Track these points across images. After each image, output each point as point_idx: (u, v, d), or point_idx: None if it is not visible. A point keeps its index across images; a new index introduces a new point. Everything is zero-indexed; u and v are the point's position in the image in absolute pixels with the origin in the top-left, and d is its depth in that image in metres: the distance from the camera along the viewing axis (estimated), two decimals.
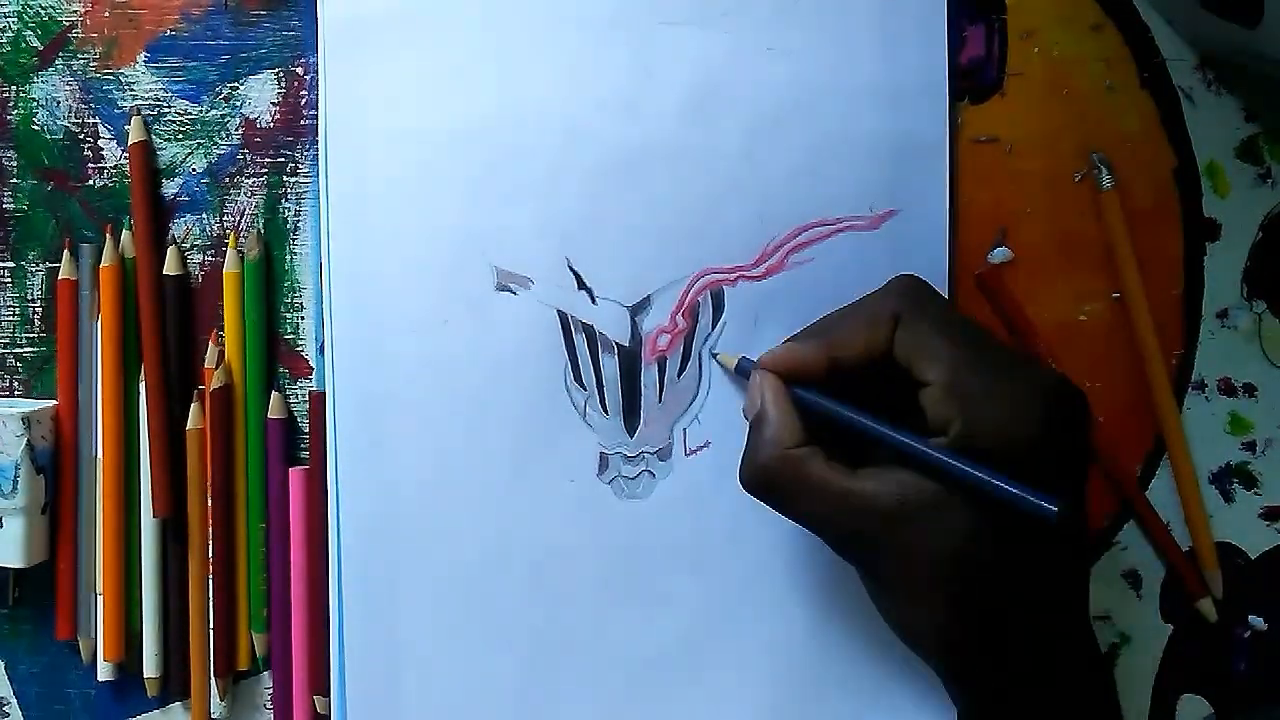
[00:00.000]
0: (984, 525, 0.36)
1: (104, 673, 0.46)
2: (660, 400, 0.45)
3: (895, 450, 0.37)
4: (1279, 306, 0.46)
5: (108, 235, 0.45)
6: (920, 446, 0.36)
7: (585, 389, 0.45)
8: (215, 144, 0.46)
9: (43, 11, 0.45)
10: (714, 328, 0.45)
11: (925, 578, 0.36)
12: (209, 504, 0.45)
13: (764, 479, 0.38)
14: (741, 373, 0.43)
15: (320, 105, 0.44)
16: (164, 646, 0.46)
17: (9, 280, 0.46)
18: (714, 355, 0.45)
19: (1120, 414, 0.46)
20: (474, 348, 0.45)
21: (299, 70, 0.46)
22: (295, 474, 0.45)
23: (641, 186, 0.44)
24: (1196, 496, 0.46)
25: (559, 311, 0.45)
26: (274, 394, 0.46)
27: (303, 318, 0.46)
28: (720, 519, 0.45)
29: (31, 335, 0.46)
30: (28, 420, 0.44)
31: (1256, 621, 0.46)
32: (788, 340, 0.41)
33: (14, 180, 0.46)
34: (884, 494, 0.36)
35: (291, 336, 0.46)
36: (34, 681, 0.46)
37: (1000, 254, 0.45)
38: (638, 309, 0.45)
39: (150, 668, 0.45)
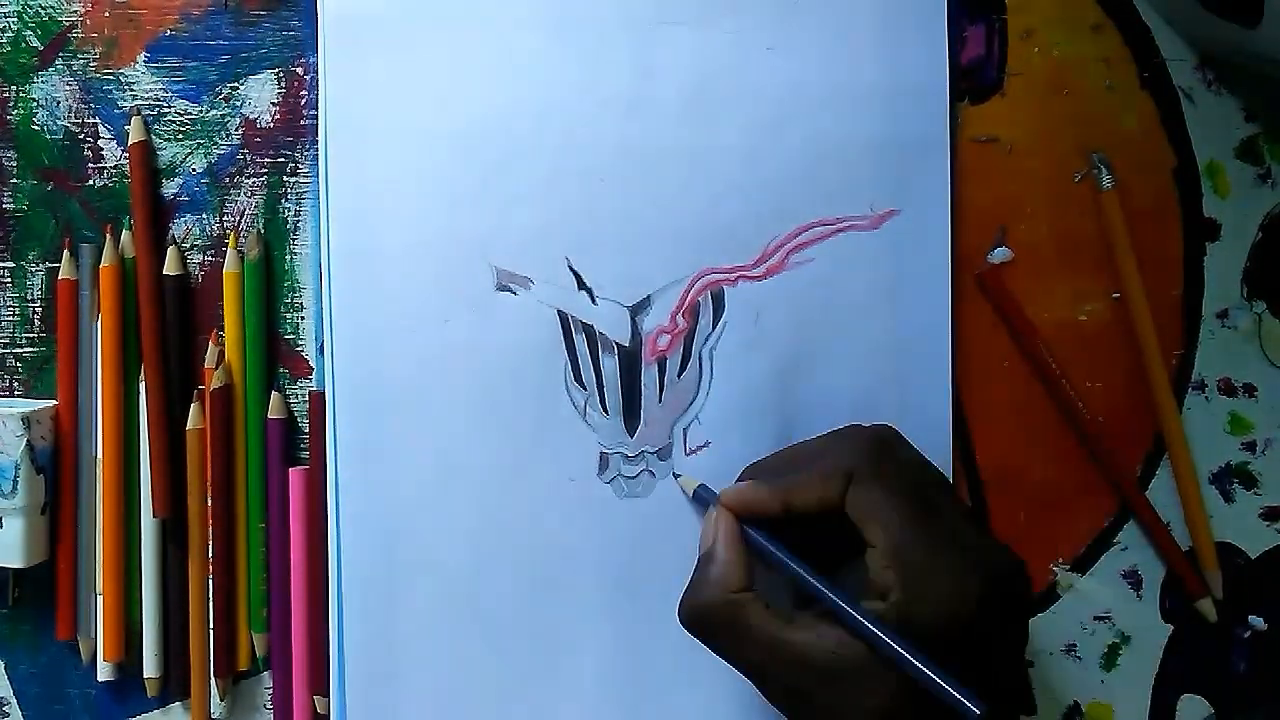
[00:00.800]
0: (909, 697, 0.35)
1: (104, 673, 0.46)
2: (660, 400, 0.45)
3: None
4: (1279, 306, 0.46)
5: (108, 235, 0.45)
6: (856, 616, 0.36)
7: (585, 389, 0.45)
8: (215, 144, 0.46)
9: (43, 11, 0.45)
10: (714, 328, 0.45)
11: None
12: (209, 504, 0.45)
13: (703, 618, 0.38)
14: (698, 500, 0.44)
15: (320, 105, 0.44)
16: (164, 646, 0.46)
17: (9, 280, 0.46)
18: (675, 477, 0.45)
19: (1120, 414, 0.46)
20: (474, 348, 0.44)
21: (299, 70, 0.46)
22: (295, 474, 0.45)
23: (641, 186, 0.45)
24: (1196, 496, 0.46)
25: (559, 311, 0.45)
26: (274, 394, 0.46)
27: (303, 318, 0.46)
28: None
29: (31, 335, 0.46)
30: (28, 420, 0.44)
31: (1256, 621, 0.46)
32: (751, 468, 0.41)
33: (14, 180, 0.46)
34: (816, 649, 0.36)
35: (291, 336, 0.46)
36: (34, 681, 0.46)
37: (1000, 254, 0.45)
38: (638, 309, 0.45)
39: (150, 668, 0.45)
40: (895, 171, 0.44)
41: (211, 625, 0.45)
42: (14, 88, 0.46)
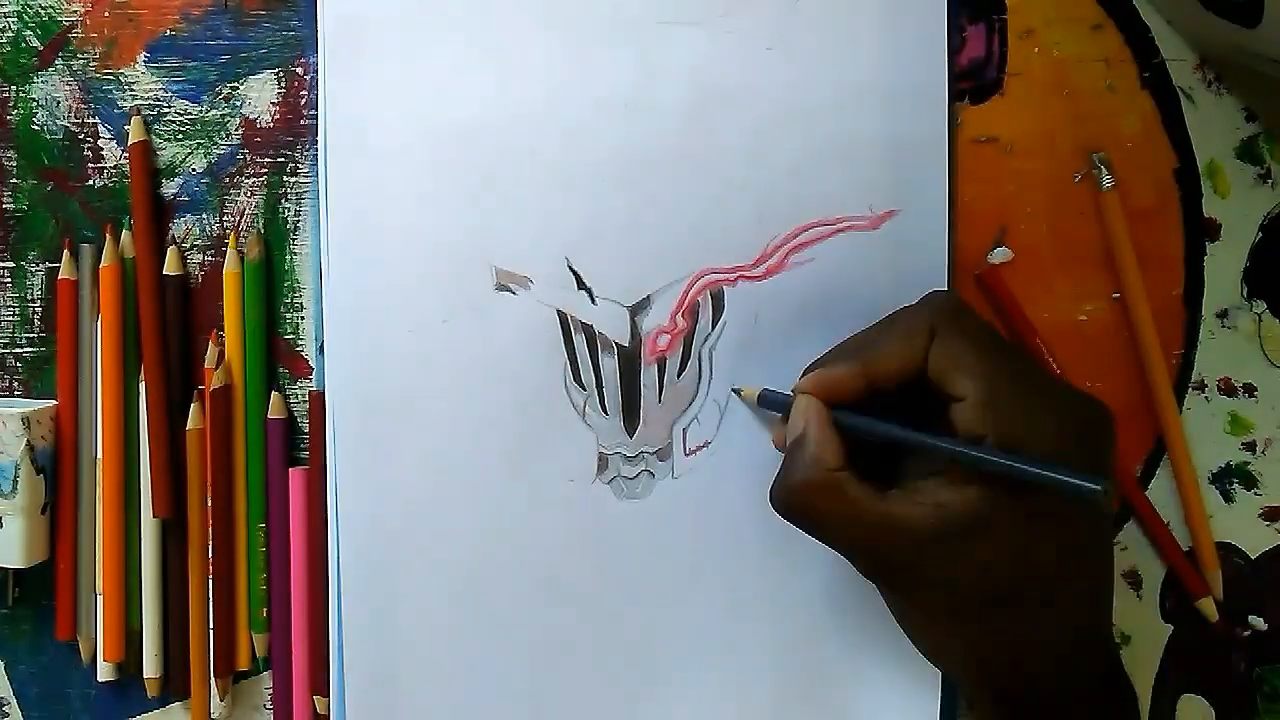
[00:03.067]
0: (1019, 544, 0.35)
1: (104, 673, 0.46)
2: (660, 400, 0.45)
3: (926, 471, 0.37)
4: (1279, 306, 0.46)
5: (108, 235, 0.45)
6: (963, 449, 0.36)
7: (585, 389, 0.45)
8: (215, 144, 0.46)
9: (43, 11, 0.45)
10: (714, 328, 0.45)
11: (961, 600, 0.36)
12: (209, 504, 0.45)
13: (800, 500, 0.38)
14: (766, 404, 0.43)
15: (320, 105, 0.44)
16: (164, 646, 0.46)
17: (9, 280, 0.46)
18: (736, 391, 0.44)
19: (1120, 414, 0.46)
20: (474, 348, 0.44)
21: (299, 70, 0.46)
22: (295, 474, 0.45)
23: (641, 186, 0.44)
24: (1197, 496, 0.46)
25: (559, 311, 0.45)
26: (274, 394, 0.46)
27: (303, 318, 0.46)
28: (719, 519, 0.45)
29: (31, 335, 0.46)
30: (28, 420, 0.44)
31: (1256, 621, 0.46)
32: (817, 362, 0.41)
33: (14, 180, 0.46)
34: (919, 516, 0.36)
35: (291, 336, 0.46)
36: (34, 681, 0.46)
37: (1000, 254, 0.45)
38: (637, 309, 0.45)
39: (150, 668, 0.45)
40: (895, 171, 0.44)
41: (211, 625, 0.45)
42: (14, 88, 0.46)
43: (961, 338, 0.37)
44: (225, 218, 0.46)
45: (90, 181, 0.46)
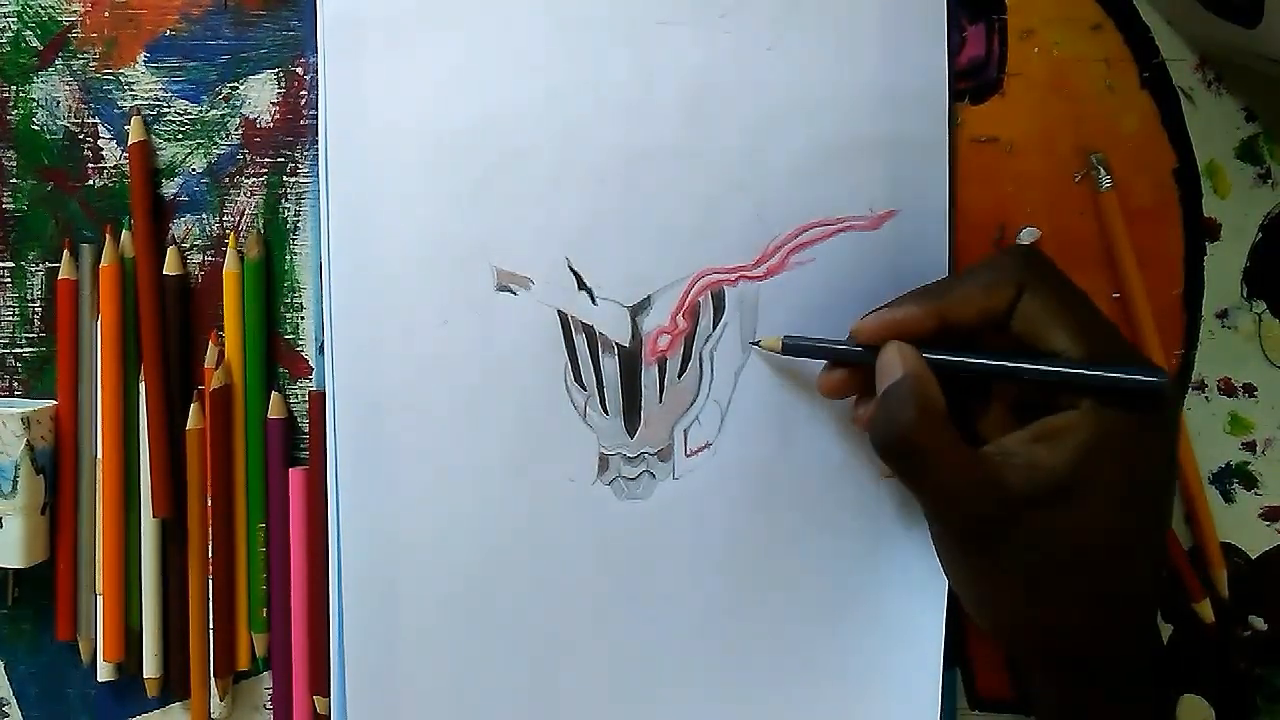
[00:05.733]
0: (1109, 508, 0.35)
1: (104, 673, 0.46)
2: (661, 401, 0.45)
3: (1005, 425, 0.37)
4: (1279, 306, 0.46)
5: (107, 235, 0.45)
6: (1041, 366, 0.36)
7: (585, 389, 0.45)
8: (215, 144, 0.46)
9: (42, 11, 0.45)
10: (714, 328, 0.45)
11: (1047, 564, 0.36)
12: (209, 504, 0.45)
13: (909, 442, 0.37)
14: (793, 352, 0.42)
15: (320, 105, 0.44)
16: (164, 646, 0.46)
17: (9, 280, 0.46)
18: (754, 344, 0.44)
19: None
20: (474, 348, 0.44)
21: (299, 70, 0.46)
22: (295, 474, 0.45)
23: (641, 186, 0.44)
24: (1201, 496, 0.46)
25: (559, 312, 0.45)
26: (274, 394, 0.46)
27: (303, 318, 0.46)
28: (720, 520, 0.45)
29: (31, 335, 0.46)
30: (28, 420, 0.44)
31: (1256, 621, 0.46)
32: (894, 303, 0.40)
33: (14, 180, 0.46)
34: (1013, 478, 0.36)
35: (291, 336, 0.46)
36: (34, 681, 0.46)
37: (1028, 234, 0.45)
38: (638, 309, 0.45)
39: (150, 668, 0.45)
40: (895, 171, 0.44)
41: (211, 625, 0.45)
42: (14, 88, 0.46)
43: (1053, 294, 0.37)
44: (225, 218, 0.46)
45: (90, 181, 0.46)
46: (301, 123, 0.46)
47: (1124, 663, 0.38)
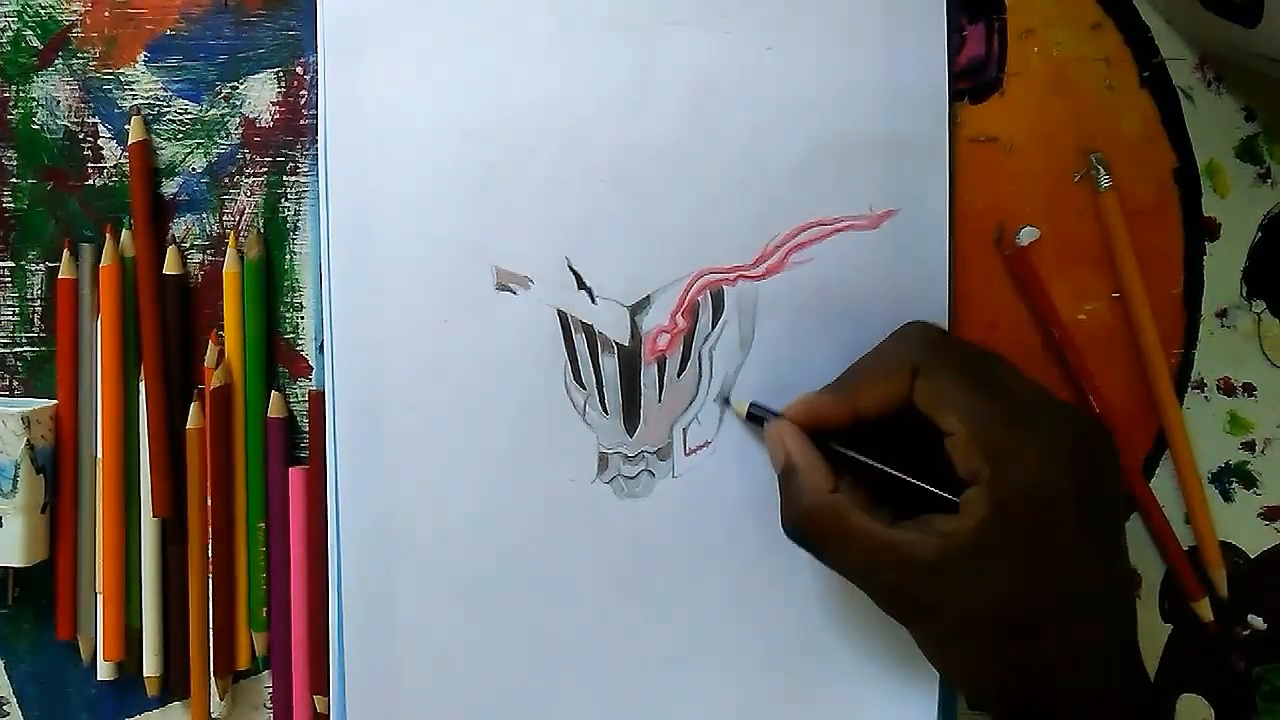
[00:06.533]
0: (1027, 571, 0.35)
1: (104, 672, 0.46)
2: (660, 400, 0.45)
3: (924, 501, 0.37)
4: (1279, 306, 0.46)
5: (107, 235, 0.45)
6: (936, 490, 0.37)
7: (585, 389, 0.45)
8: (215, 144, 0.46)
9: (42, 11, 0.45)
10: (714, 327, 0.45)
11: (973, 627, 0.36)
12: (209, 504, 0.45)
13: (807, 525, 0.38)
14: (752, 420, 0.44)
15: (320, 105, 0.44)
16: (164, 646, 0.46)
17: (9, 280, 0.46)
18: (725, 400, 0.45)
19: (1121, 414, 0.46)
20: (474, 348, 0.44)
21: (299, 70, 0.46)
22: (295, 474, 0.45)
23: (641, 186, 0.44)
24: (1200, 495, 0.46)
25: (559, 311, 0.45)
26: (274, 394, 0.46)
27: (303, 318, 0.46)
28: (719, 518, 0.45)
29: (31, 335, 0.46)
30: (28, 420, 0.44)
31: (1256, 621, 0.46)
32: (819, 391, 0.41)
33: (14, 180, 0.46)
34: (923, 546, 0.36)
35: (291, 336, 0.46)
36: (34, 681, 0.46)
37: (1028, 234, 0.45)
38: (638, 309, 0.45)
39: (150, 667, 0.45)
40: (895, 171, 0.44)
41: (211, 625, 0.45)
42: (14, 87, 0.46)
43: (943, 374, 0.37)
44: (225, 217, 0.46)
45: (90, 181, 0.46)
46: (301, 123, 0.46)
47: (1095, 716, 0.37)
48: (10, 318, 0.46)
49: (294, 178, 0.46)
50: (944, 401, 0.37)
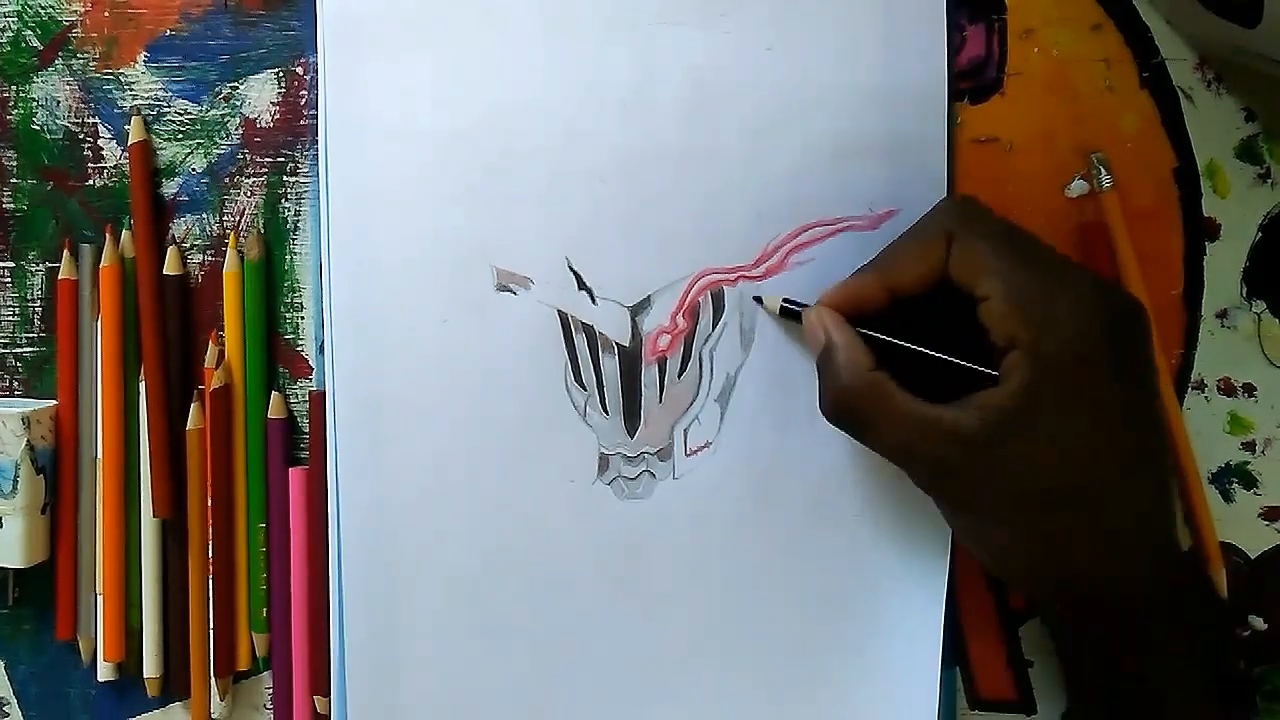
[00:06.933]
0: (1069, 441, 0.36)
1: (104, 673, 0.46)
2: (660, 400, 0.45)
3: (959, 385, 0.37)
4: (1279, 306, 0.46)
5: (108, 235, 0.45)
6: (969, 365, 0.37)
7: (585, 389, 0.45)
8: (215, 144, 0.46)
9: (43, 11, 0.45)
10: (714, 328, 0.45)
11: (1017, 502, 0.36)
12: (209, 504, 0.45)
13: (849, 403, 0.38)
14: (786, 315, 0.43)
15: (320, 105, 0.44)
16: (164, 646, 0.46)
17: (9, 280, 0.46)
18: (757, 299, 0.44)
19: None
20: (474, 348, 0.44)
21: (299, 70, 0.46)
22: (295, 474, 0.45)
23: (641, 186, 0.44)
24: (1200, 495, 0.46)
25: (559, 311, 0.45)
26: (274, 394, 0.46)
27: (303, 318, 0.46)
28: (720, 519, 0.45)
29: (31, 335, 0.46)
30: (28, 420, 0.44)
31: (1256, 621, 0.46)
32: (850, 276, 0.41)
33: (14, 180, 0.46)
34: (966, 420, 0.36)
35: (291, 336, 0.46)
36: (34, 681, 0.46)
37: (1078, 187, 0.45)
38: (638, 309, 0.45)
39: (150, 668, 0.45)
40: (895, 171, 0.44)
41: (211, 625, 0.45)
42: (14, 88, 0.46)
43: (980, 238, 0.38)
44: (225, 217, 0.46)
45: (90, 181, 0.46)
46: (301, 123, 0.46)
47: (1141, 601, 0.37)
48: (10, 318, 0.46)
49: (294, 178, 0.46)
50: (980, 267, 0.37)
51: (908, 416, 0.37)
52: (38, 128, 0.46)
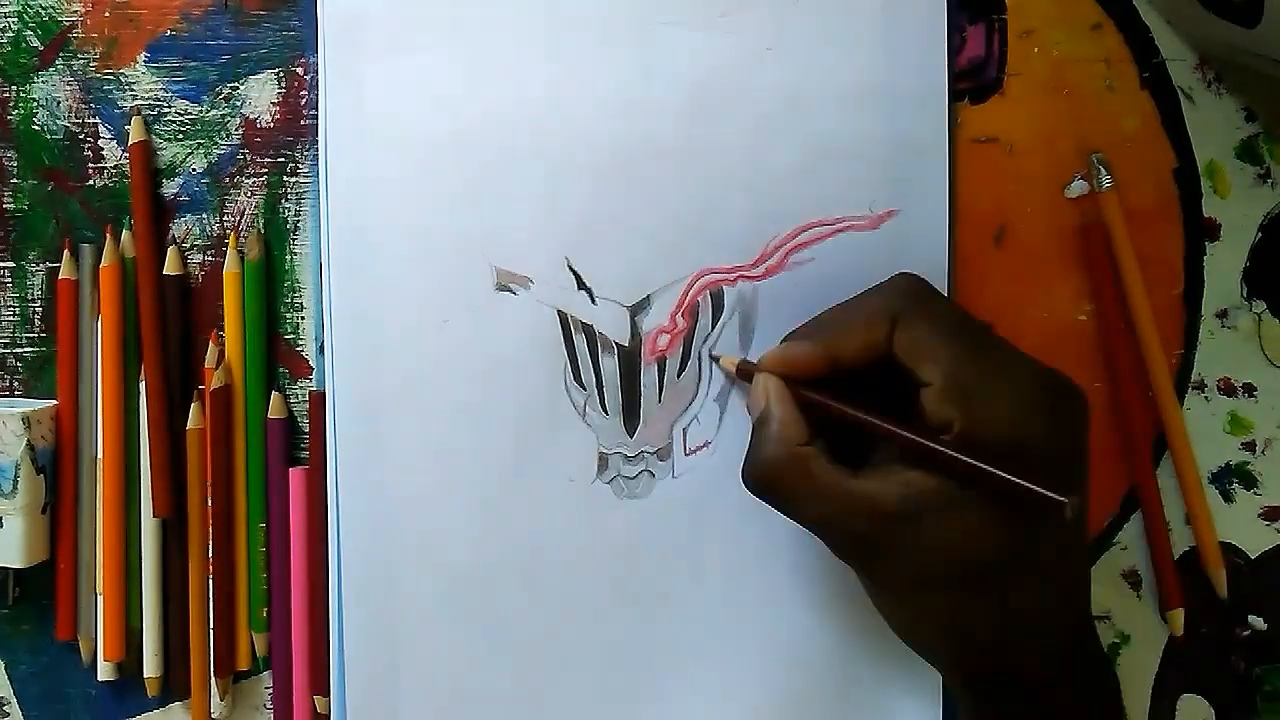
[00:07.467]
0: (987, 523, 0.36)
1: (104, 672, 0.46)
2: (660, 400, 0.45)
3: (898, 450, 0.37)
4: (1279, 306, 0.46)
5: (108, 235, 0.45)
6: (927, 442, 0.36)
7: (585, 389, 0.45)
8: (215, 144, 0.46)
9: (43, 11, 0.45)
10: (714, 328, 0.45)
11: (929, 578, 0.36)
12: (209, 504, 0.45)
13: (768, 476, 0.38)
14: (742, 376, 0.43)
15: (320, 105, 0.44)
16: (164, 646, 0.46)
17: (9, 280, 0.46)
18: (714, 358, 0.45)
19: (1120, 414, 0.46)
20: (474, 348, 0.45)
21: (299, 70, 0.46)
22: (295, 474, 0.45)
23: (641, 186, 0.44)
24: (1200, 496, 0.46)
25: (559, 311, 0.45)
26: (274, 394, 0.46)
27: (303, 318, 0.46)
28: (720, 519, 0.45)
29: (32, 335, 0.46)
30: (28, 420, 0.44)
31: (1256, 621, 0.46)
32: (787, 338, 0.41)
33: (14, 180, 0.46)
34: (886, 494, 0.36)
35: (291, 336, 0.46)
36: (34, 681, 0.46)
37: (1079, 187, 0.45)
38: (638, 309, 0.45)
39: (150, 667, 0.45)
40: (895, 171, 0.44)
41: (211, 625, 0.45)
42: (14, 88, 0.46)
43: (924, 323, 0.37)
44: (225, 218, 0.46)
45: (90, 181, 0.46)
46: (301, 123, 0.46)
47: (1046, 686, 0.37)
48: (11, 318, 0.46)
49: (294, 178, 0.46)
50: (921, 350, 0.37)
51: (828, 490, 0.37)
52: (38, 128, 0.46)
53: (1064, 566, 0.38)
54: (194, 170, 0.46)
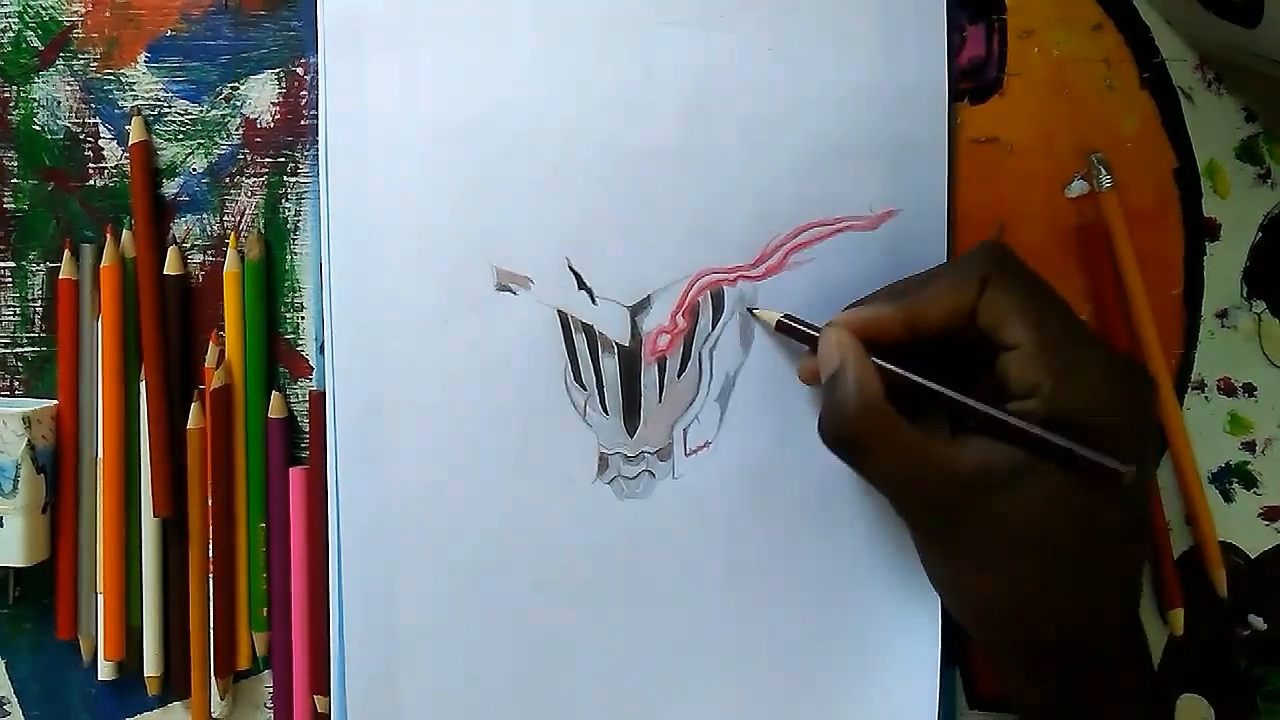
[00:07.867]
0: (1060, 495, 0.36)
1: (104, 672, 0.46)
2: (660, 400, 0.45)
3: (966, 420, 0.37)
4: (1279, 306, 0.46)
5: (108, 235, 0.45)
6: (999, 414, 0.36)
7: (585, 389, 0.45)
8: (215, 144, 0.46)
9: (43, 11, 0.45)
10: (714, 328, 0.45)
11: (1004, 547, 0.36)
12: (209, 504, 0.45)
13: (850, 430, 0.38)
14: (785, 331, 0.43)
15: (320, 105, 0.44)
16: (164, 646, 0.46)
17: (9, 280, 0.46)
18: (751, 311, 0.44)
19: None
20: (474, 348, 0.45)
21: (299, 70, 0.46)
22: (295, 474, 0.45)
23: (642, 186, 0.45)
24: (1200, 496, 0.46)
25: (559, 311, 0.45)
26: (274, 394, 0.46)
27: (303, 318, 0.46)
28: (719, 519, 0.45)
29: (32, 335, 0.46)
30: (28, 420, 0.44)
31: (1256, 621, 0.46)
32: (852, 305, 0.41)
33: (14, 180, 0.46)
34: (966, 460, 0.36)
35: (291, 336, 0.46)
36: (34, 680, 0.47)
37: (1079, 187, 0.45)
38: (638, 309, 0.45)
39: (150, 667, 0.45)
40: (895, 171, 0.44)
41: (211, 625, 0.45)
42: (15, 88, 0.46)
43: (1015, 287, 0.37)
44: (225, 218, 0.46)
45: (91, 181, 0.46)
46: (301, 123, 0.46)
47: (1102, 659, 0.38)
48: (11, 318, 0.46)
49: (294, 178, 0.46)
50: (1012, 314, 0.37)
51: (910, 448, 0.37)
52: (38, 128, 0.46)
53: (1127, 545, 0.38)
54: (194, 170, 0.46)
